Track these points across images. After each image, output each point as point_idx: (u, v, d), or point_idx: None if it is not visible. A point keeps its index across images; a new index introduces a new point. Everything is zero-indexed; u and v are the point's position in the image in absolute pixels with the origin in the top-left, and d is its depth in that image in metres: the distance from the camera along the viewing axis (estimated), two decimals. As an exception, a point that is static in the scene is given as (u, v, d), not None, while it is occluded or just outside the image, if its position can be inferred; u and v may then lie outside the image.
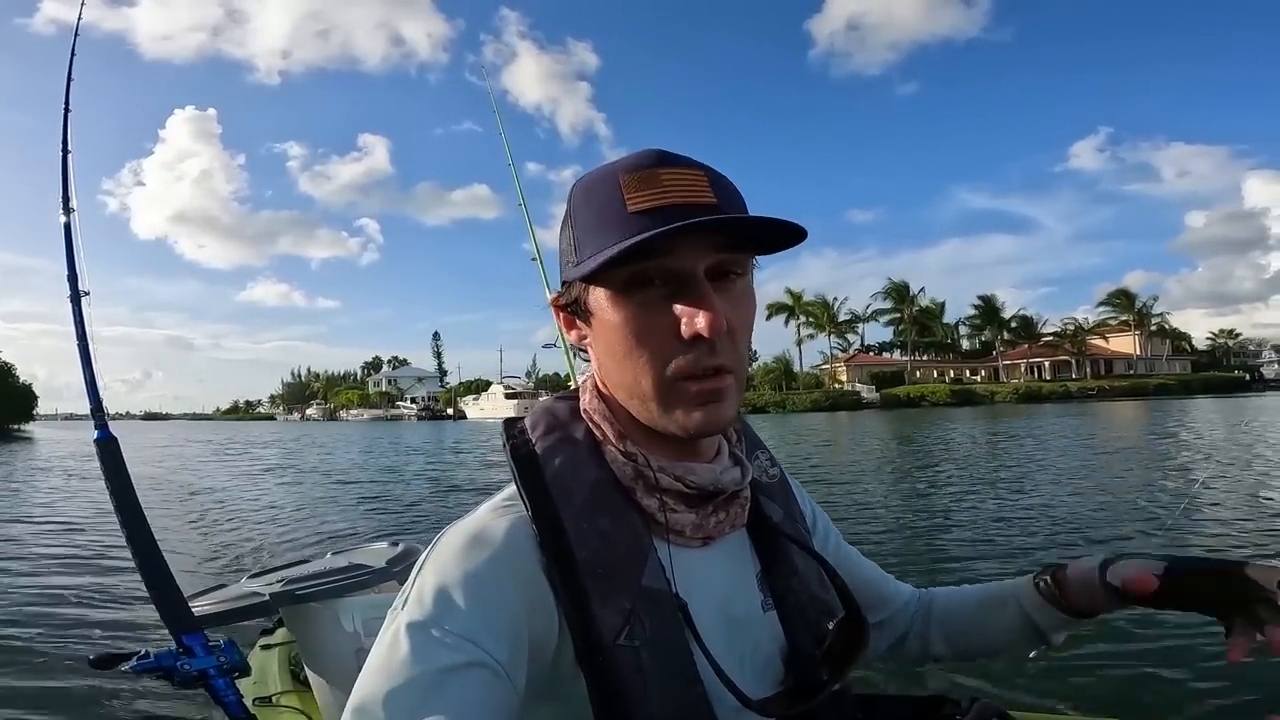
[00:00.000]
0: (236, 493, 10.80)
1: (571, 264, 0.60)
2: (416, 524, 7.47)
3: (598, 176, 0.60)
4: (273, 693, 1.99)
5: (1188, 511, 6.13)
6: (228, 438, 33.22)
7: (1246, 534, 5.41)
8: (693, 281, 0.56)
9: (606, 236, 0.56)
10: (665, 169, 0.57)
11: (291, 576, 1.99)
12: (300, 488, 11.42)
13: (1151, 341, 65.34)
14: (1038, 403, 49.31)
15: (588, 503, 0.60)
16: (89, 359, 1.90)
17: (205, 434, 39.43)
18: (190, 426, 67.47)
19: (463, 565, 0.55)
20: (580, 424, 0.65)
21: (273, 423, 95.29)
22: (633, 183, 0.57)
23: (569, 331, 0.66)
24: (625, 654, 0.55)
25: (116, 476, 1.76)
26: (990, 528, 6.15)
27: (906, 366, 64.08)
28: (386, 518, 8.09)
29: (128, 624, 3.92)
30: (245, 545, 6.54)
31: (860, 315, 67.00)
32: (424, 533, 6.35)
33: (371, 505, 9.17)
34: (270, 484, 12.08)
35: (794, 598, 0.69)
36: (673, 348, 0.57)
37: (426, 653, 0.50)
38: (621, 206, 0.56)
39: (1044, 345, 65.73)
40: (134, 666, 1.59)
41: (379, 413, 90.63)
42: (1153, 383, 57.40)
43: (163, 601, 1.67)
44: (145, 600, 1.75)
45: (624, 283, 0.57)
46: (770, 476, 0.76)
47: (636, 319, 0.57)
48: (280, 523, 7.82)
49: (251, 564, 5.46)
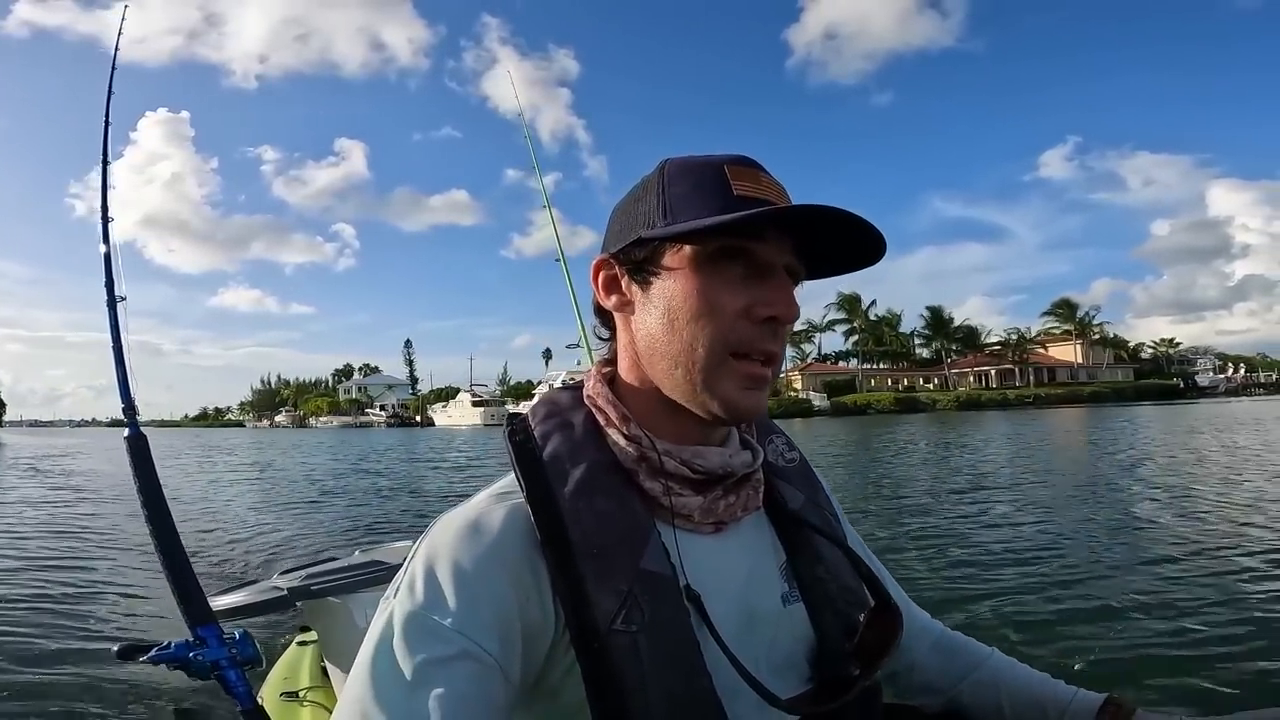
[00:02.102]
0: (235, 495, 11.37)
1: (658, 224, 0.60)
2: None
3: (698, 160, 0.62)
4: (300, 688, 2.04)
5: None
6: (207, 444, 33.87)
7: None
8: (775, 270, 0.59)
9: (707, 208, 0.58)
10: (762, 172, 0.61)
11: (315, 572, 2.05)
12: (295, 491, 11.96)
13: (1093, 350, 68.53)
14: (977, 410, 51.83)
15: (583, 483, 0.59)
16: (123, 361, 1.98)
17: (178, 440, 40.25)
18: (159, 434, 67.52)
19: (454, 554, 0.54)
20: (581, 410, 0.65)
21: (241, 429, 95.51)
22: (737, 172, 0.60)
23: (608, 296, 0.65)
24: (621, 639, 0.53)
25: (144, 472, 1.81)
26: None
27: (858, 375, 66.57)
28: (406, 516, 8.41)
29: (159, 615, 4.13)
30: (265, 546, 6.75)
31: (817, 325, 69.52)
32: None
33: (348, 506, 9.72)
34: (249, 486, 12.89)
35: (822, 587, 0.67)
36: (738, 324, 0.58)
37: (415, 643, 0.50)
38: (726, 188, 0.59)
39: (989, 354, 68.69)
40: (152, 657, 1.64)
41: (348, 420, 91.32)
42: (1087, 390, 60.47)
43: (182, 594, 1.71)
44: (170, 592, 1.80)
45: (712, 252, 0.58)
46: (789, 461, 0.75)
47: (713, 288, 0.58)
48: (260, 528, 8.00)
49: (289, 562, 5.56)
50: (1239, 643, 3.27)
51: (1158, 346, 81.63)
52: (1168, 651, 3.24)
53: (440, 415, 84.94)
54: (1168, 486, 8.39)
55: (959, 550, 5.52)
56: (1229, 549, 5.06)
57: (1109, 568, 4.77)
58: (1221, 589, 4.12)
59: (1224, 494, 7.62)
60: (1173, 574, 4.51)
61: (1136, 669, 3.06)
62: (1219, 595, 4.00)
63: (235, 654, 1.67)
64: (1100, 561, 4.94)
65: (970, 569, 4.92)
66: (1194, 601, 3.90)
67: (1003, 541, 5.74)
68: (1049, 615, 3.85)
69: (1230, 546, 5.14)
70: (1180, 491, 7.91)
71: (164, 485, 1.82)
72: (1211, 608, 3.78)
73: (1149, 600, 3.98)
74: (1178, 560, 4.82)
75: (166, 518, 1.77)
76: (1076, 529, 6.13)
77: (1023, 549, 5.41)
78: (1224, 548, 5.10)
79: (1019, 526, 6.39)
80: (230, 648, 1.67)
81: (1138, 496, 7.83)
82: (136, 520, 2.67)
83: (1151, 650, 3.26)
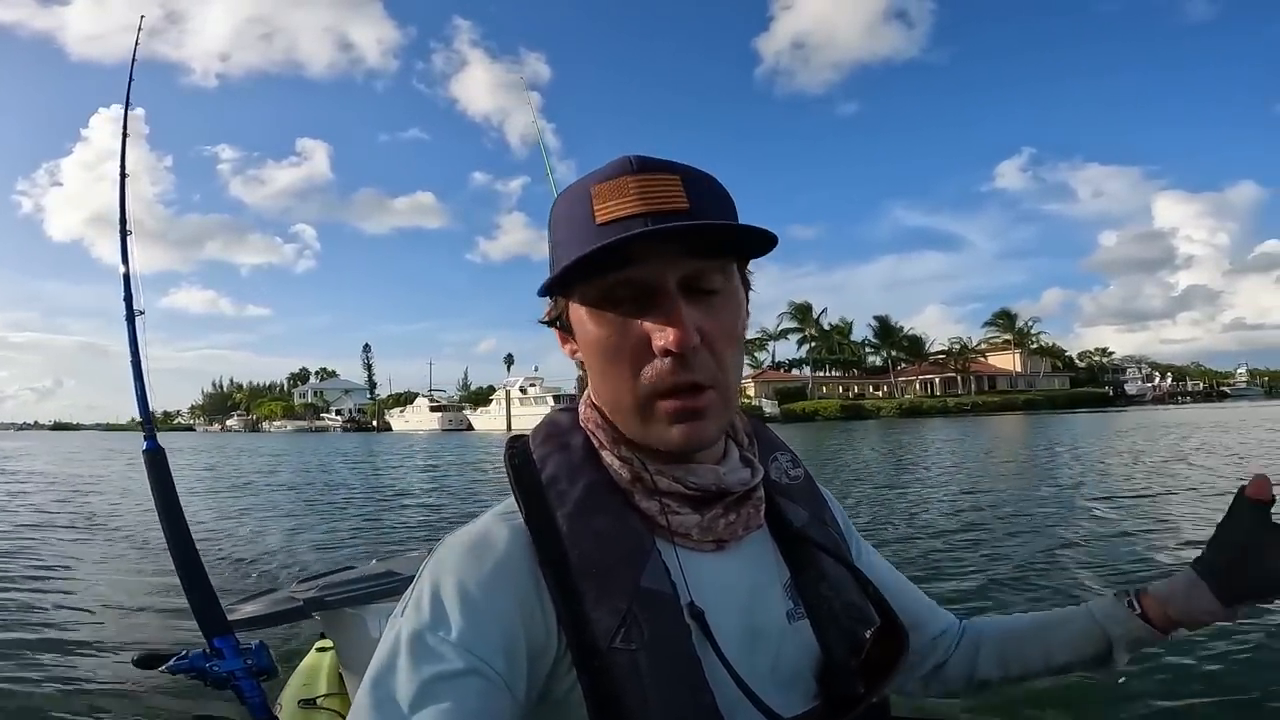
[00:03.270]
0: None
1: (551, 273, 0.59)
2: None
3: (574, 189, 0.60)
4: (317, 695, 2.06)
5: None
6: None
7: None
8: (661, 293, 0.55)
9: (576, 249, 0.55)
10: (635, 176, 0.56)
11: (331, 582, 2.05)
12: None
13: (1031, 359, 71.89)
14: (919, 417, 54.09)
15: (581, 504, 0.59)
16: (141, 375, 1.98)
17: (119, 444, 39.73)
18: (105, 437, 65.72)
19: (460, 573, 0.55)
20: (579, 433, 0.65)
21: (191, 434, 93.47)
22: (602, 192, 0.56)
23: (564, 346, 0.65)
24: (621, 657, 0.53)
25: (162, 485, 1.80)
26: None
27: (809, 383, 68.64)
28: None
29: (177, 624, 4.16)
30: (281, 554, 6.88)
31: (771, 333, 71.45)
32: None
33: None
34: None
35: (826, 605, 0.66)
36: (644, 363, 0.56)
37: (423, 660, 0.51)
38: (590, 218, 0.56)
39: (934, 364, 71.57)
40: (170, 667, 1.61)
41: (303, 424, 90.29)
42: (1022, 398, 63.45)
43: (199, 605, 1.69)
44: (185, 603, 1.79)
45: (597, 296, 0.57)
46: (792, 478, 0.73)
47: (610, 334, 0.57)
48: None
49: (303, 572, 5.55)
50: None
51: (1093, 356, 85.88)
52: None
53: (398, 420, 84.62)
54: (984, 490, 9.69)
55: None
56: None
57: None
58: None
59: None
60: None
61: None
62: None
63: (251, 664, 1.67)
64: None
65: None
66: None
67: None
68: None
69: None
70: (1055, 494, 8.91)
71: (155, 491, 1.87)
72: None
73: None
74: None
75: (184, 530, 1.79)
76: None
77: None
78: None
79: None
80: (246, 658, 1.68)
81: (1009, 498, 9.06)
82: (149, 528, 3.72)
83: None
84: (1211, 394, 78.45)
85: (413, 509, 10.30)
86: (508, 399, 74.06)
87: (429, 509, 10.24)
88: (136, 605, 4.88)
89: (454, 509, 10.13)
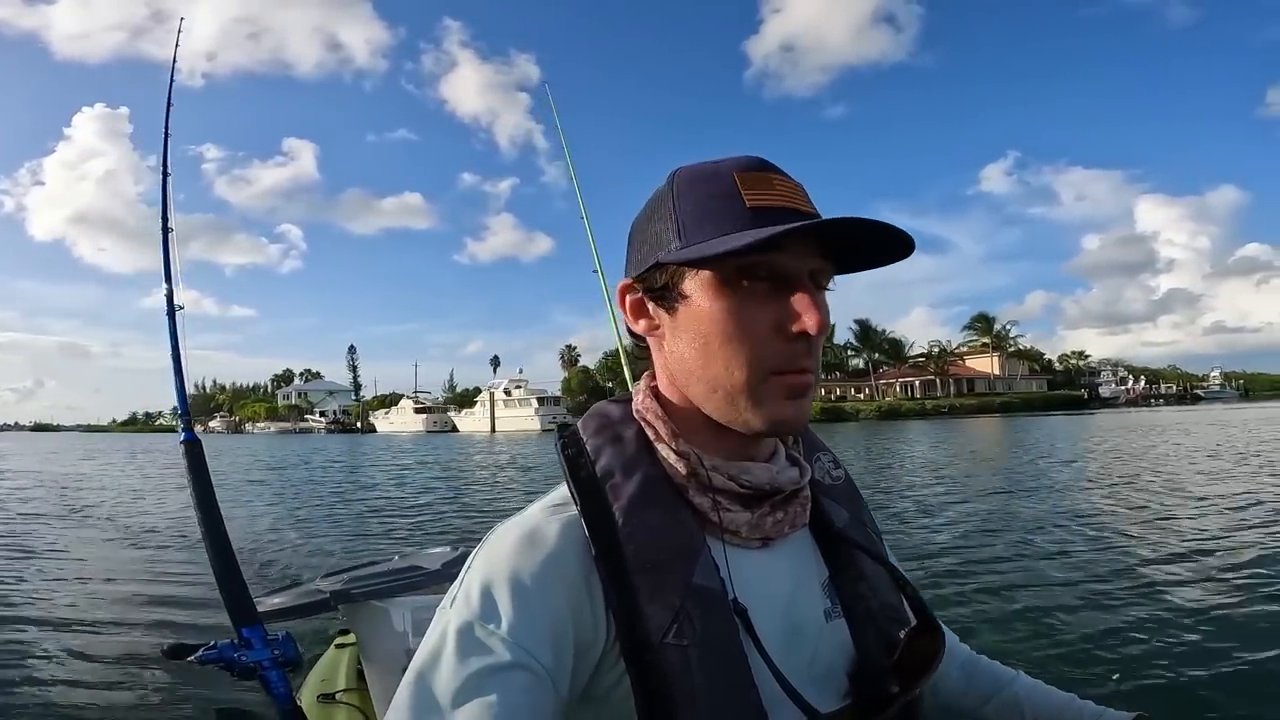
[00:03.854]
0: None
1: (673, 247, 0.59)
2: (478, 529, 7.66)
3: (706, 168, 0.61)
4: (336, 690, 2.07)
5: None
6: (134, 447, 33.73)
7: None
8: (800, 281, 0.57)
9: (720, 226, 0.56)
10: (774, 174, 0.59)
11: (357, 576, 2.06)
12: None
13: (1009, 362, 73.13)
14: (898, 419, 54.96)
15: (637, 498, 0.59)
16: (180, 369, 2.04)
17: (102, 443, 39.65)
18: (86, 438, 65.13)
19: (511, 566, 0.55)
20: (632, 424, 0.65)
21: (173, 435, 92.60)
22: (748, 180, 0.58)
23: (637, 321, 0.64)
24: (673, 653, 0.54)
25: (198, 475, 1.85)
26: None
27: (792, 384, 69.30)
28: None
29: (201, 615, 4.32)
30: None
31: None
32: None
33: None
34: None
35: (864, 604, 0.67)
36: (770, 342, 0.57)
37: (471, 652, 0.51)
38: (739, 200, 0.57)
39: (914, 366, 72.55)
40: (199, 657, 1.65)
41: (287, 426, 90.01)
42: (999, 400, 64.53)
43: (229, 595, 1.73)
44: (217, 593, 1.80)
45: (732, 272, 0.57)
46: (834, 479, 0.74)
47: (741, 309, 0.57)
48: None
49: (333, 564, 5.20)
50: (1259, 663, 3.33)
51: (1069, 359, 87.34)
52: (1197, 672, 3.23)
53: (382, 422, 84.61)
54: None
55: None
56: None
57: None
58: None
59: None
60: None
61: (1168, 690, 3.09)
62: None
63: (278, 655, 1.70)
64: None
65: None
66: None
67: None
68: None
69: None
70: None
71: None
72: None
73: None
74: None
75: (218, 518, 1.81)
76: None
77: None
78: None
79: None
80: (273, 649, 1.70)
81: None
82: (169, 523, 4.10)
83: (1181, 670, 3.27)
84: (1185, 396, 79.79)
85: (398, 510, 10.67)
86: (491, 401, 74.40)
87: (419, 508, 10.60)
88: (160, 598, 5.08)
89: (436, 511, 10.52)
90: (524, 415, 70.13)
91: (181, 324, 2.13)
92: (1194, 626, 3.85)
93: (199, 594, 4.82)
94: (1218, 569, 5.04)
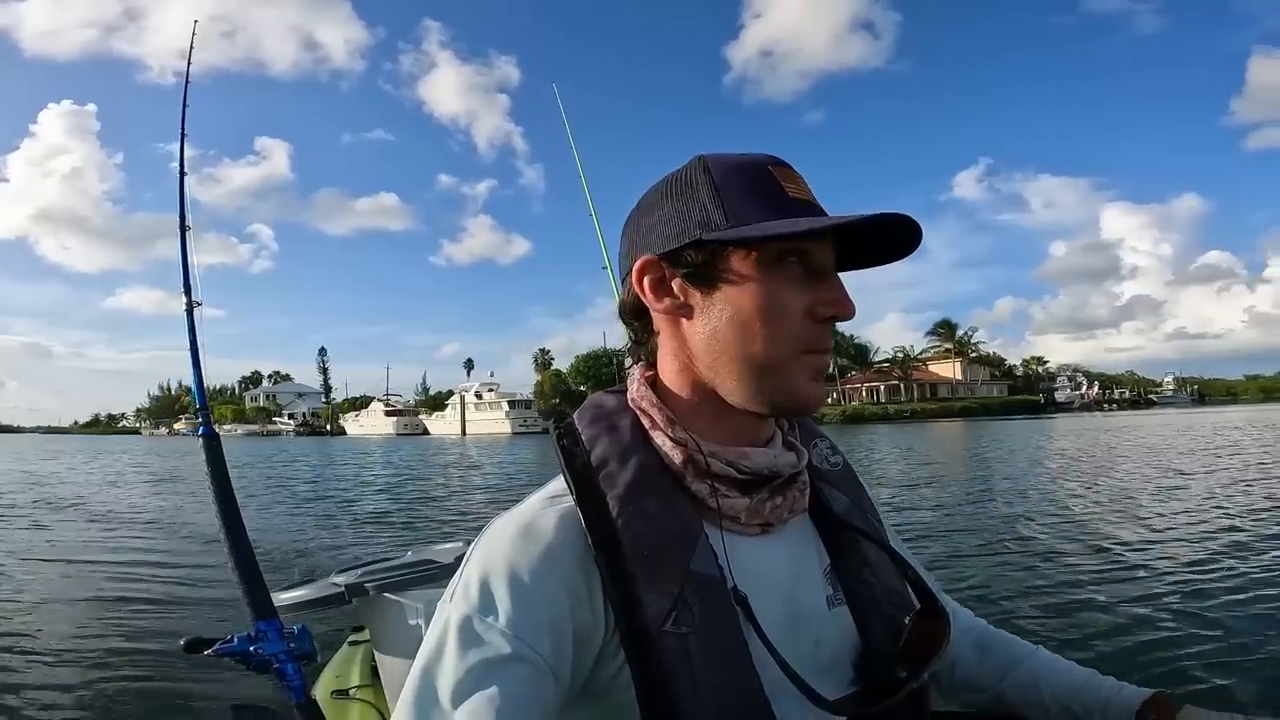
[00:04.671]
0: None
1: (716, 226, 0.59)
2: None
3: (736, 159, 0.63)
4: (350, 686, 2.09)
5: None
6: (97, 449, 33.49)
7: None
8: (829, 271, 0.61)
9: (768, 211, 0.59)
10: (796, 172, 0.63)
11: (371, 570, 2.08)
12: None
13: (970, 367, 75.24)
14: (862, 423, 56.02)
15: (633, 486, 0.59)
16: (199, 364, 2.09)
17: (62, 445, 39.27)
18: (51, 439, 63.55)
19: (508, 558, 0.55)
20: (627, 414, 0.65)
21: (137, 437, 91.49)
22: (781, 174, 0.61)
23: (659, 299, 0.63)
24: (671, 640, 0.54)
25: (217, 468, 1.89)
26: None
27: (760, 388, 70.51)
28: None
29: (215, 610, 4.42)
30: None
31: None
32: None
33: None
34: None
35: (867, 590, 0.67)
36: (802, 325, 0.59)
37: (470, 645, 0.52)
38: (781, 190, 0.60)
39: (878, 371, 74.40)
40: (216, 650, 1.66)
41: (254, 428, 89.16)
42: (958, 405, 66.34)
43: (247, 588, 1.76)
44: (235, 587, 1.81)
45: (776, 255, 0.59)
46: (833, 465, 0.75)
47: (781, 290, 0.59)
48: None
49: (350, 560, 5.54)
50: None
51: (1029, 364, 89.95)
52: (1217, 651, 3.37)
53: (352, 424, 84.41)
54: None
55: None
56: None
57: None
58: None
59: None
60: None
61: (1183, 669, 3.21)
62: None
63: (294, 648, 1.71)
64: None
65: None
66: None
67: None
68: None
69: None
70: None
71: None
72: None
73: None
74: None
75: (236, 514, 1.85)
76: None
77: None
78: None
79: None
80: (290, 642, 1.71)
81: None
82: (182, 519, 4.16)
83: (1199, 649, 3.40)
84: (1139, 401, 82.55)
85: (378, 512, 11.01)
86: (462, 404, 74.68)
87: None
88: (177, 592, 5.22)
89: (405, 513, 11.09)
90: (495, 418, 70.66)
91: (200, 321, 2.20)
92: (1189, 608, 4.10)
93: (215, 588, 4.98)
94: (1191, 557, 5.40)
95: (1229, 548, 5.69)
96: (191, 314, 2.21)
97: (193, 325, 2.18)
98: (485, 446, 35.39)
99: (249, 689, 2.91)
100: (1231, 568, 5.04)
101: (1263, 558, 5.27)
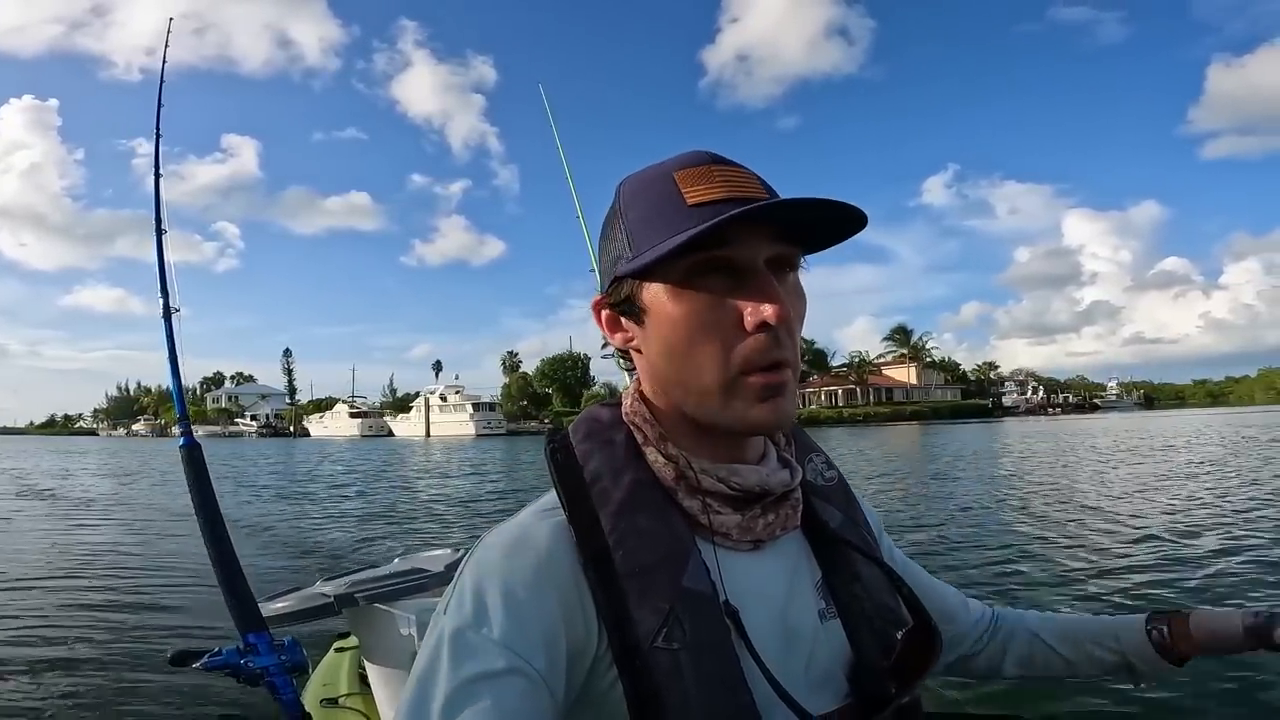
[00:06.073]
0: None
1: (625, 259, 0.59)
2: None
3: (648, 174, 0.61)
4: (339, 694, 2.07)
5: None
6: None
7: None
8: (755, 272, 0.56)
9: (665, 230, 0.56)
10: (718, 166, 0.59)
11: (359, 580, 2.05)
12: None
13: (925, 372, 77.93)
14: (817, 426, 57.63)
15: (625, 502, 0.59)
16: (178, 372, 2.02)
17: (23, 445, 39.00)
18: (4, 441, 62.15)
19: (501, 571, 0.55)
20: (621, 428, 0.65)
21: (95, 438, 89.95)
22: (688, 178, 0.58)
23: (613, 335, 0.65)
24: (663, 656, 0.54)
25: (199, 480, 1.84)
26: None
27: (721, 392, 72.20)
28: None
29: (211, 622, 4.12)
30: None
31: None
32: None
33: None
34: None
35: (858, 605, 0.67)
36: (736, 340, 0.56)
37: (464, 658, 0.51)
38: (680, 200, 0.57)
39: (835, 376, 76.68)
40: (205, 664, 1.62)
41: (216, 430, 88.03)
42: (910, 409, 68.88)
43: (234, 601, 1.70)
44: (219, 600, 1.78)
45: (684, 274, 0.57)
46: (827, 480, 0.74)
47: (698, 311, 0.57)
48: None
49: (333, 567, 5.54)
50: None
51: (981, 369, 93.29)
52: None
53: (316, 426, 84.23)
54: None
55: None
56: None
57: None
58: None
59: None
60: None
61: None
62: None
63: (284, 660, 1.68)
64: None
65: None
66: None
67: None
68: None
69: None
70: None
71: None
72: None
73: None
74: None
75: (220, 525, 1.81)
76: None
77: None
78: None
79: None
80: (280, 654, 1.69)
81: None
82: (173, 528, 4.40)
83: None
84: (1084, 405, 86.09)
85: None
86: (426, 406, 75.13)
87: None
88: (161, 604, 5.05)
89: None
90: (459, 420, 71.20)
91: (178, 327, 2.09)
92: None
93: (200, 599, 4.82)
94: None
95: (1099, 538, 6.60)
96: (170, 320, 2.10)
97: (171, 331, 2.08)
98: (451, 449, 36.10)
99: (240, 702, 2.92)
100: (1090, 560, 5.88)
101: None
